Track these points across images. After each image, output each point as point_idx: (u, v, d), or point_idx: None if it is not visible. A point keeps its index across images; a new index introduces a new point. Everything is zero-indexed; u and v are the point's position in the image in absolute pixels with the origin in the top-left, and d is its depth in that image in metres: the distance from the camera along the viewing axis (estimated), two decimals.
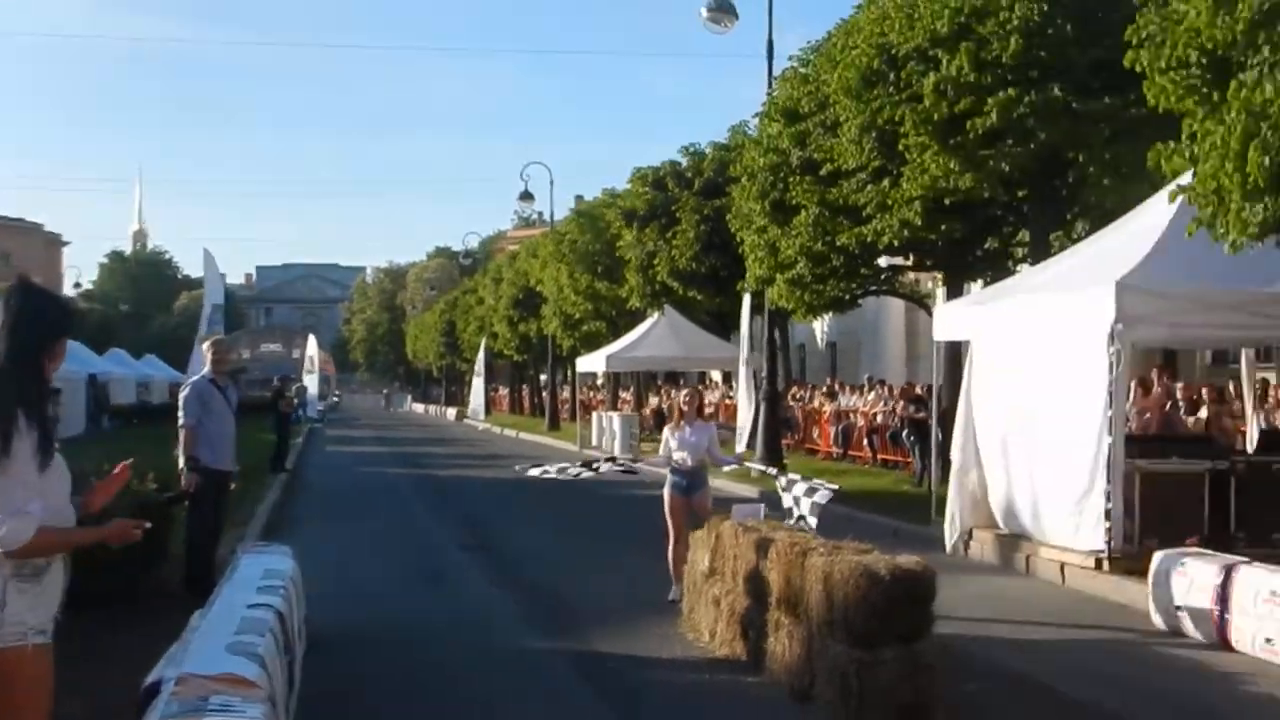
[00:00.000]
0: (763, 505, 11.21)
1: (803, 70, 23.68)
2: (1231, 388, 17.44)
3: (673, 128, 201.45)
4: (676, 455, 11.82)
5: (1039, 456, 13.34)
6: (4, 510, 4.28)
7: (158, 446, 14.64)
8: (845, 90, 20.56)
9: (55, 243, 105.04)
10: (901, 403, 23.94)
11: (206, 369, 11.87)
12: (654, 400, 40.46)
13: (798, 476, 12.00)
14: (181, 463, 11.34)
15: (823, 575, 7.86)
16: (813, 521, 10.92)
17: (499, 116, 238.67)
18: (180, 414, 11.44)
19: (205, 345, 12.37)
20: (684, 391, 12.71)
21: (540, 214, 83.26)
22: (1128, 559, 11.88)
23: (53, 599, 4.49)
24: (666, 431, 12.11)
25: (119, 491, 5.18)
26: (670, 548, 11.81)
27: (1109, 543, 12.13)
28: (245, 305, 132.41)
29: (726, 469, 23.43)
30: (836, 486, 11.42)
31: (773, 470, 13.52)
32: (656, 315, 34.93)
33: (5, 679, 4.33)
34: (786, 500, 11.49)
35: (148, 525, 4.97)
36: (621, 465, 13.95)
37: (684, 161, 34.44)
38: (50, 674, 4.46)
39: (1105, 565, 12.19)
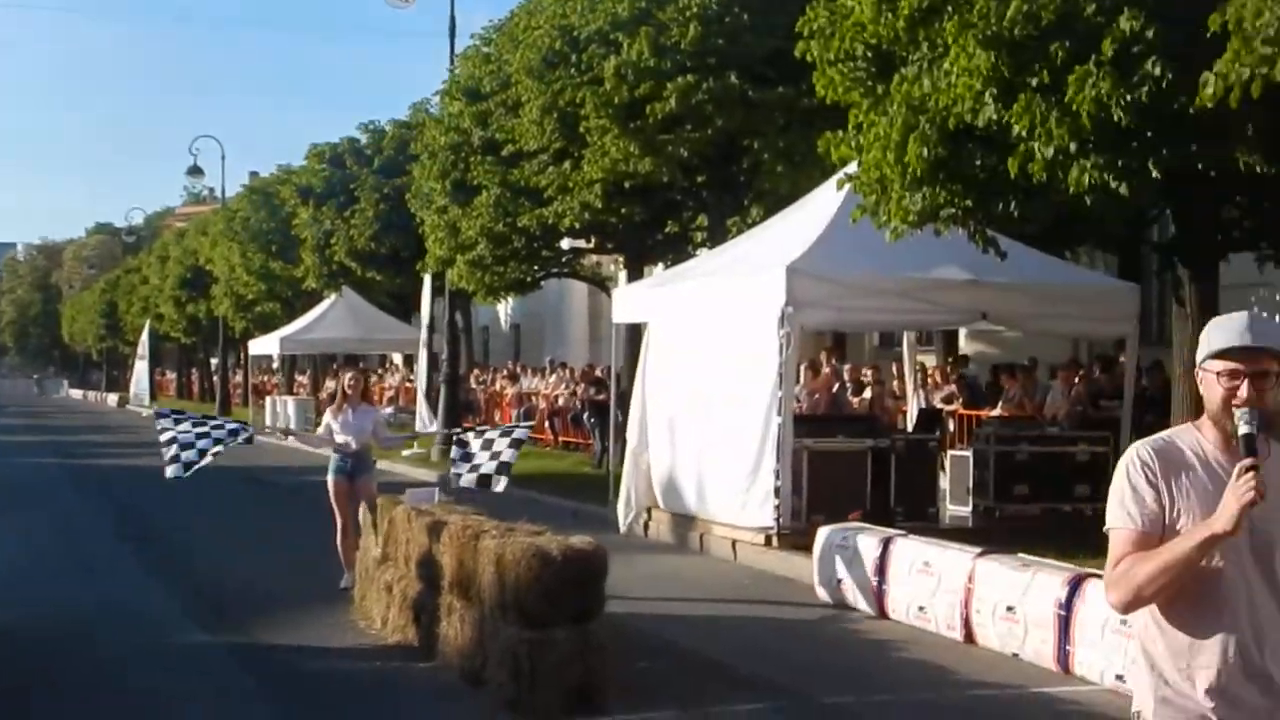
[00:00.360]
0: (437, 489, 11.00)
1: (485, 49, 23.47)
2: (894, 369, 18.32)
3: (352, 105, 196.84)
4: (340, 439, 11.47)
5: (711, 437, 13.61)
6: None
7: None
8: (527, 71, 20.49)
9: None
10: (582, 385, 24.11)
11: None
12: (330, 384, 39.43)
13: (485, 429, 11.96)
14: None
15: (495, 557, 7.74)
16: (501, 484, 10.79)
17: (169, 88, 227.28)
18: None
19: None
20: (348, 374, 12.27)
21: (211, 190, 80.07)
22: (796, 535, 12.24)
23: None
24: (328, 415, 11.81)
25: None
26: (339, 535, 11.47)
27: (778, 520, 12.49)
28: None
29: (407, 453, 23.23)
30: (531, 423, 11.34)
31: (458, 431, 13.28)
32: (334, 296, 34.11)
33: None
34: (462, 472, 11.23)
35: None
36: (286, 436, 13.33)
37: (363, 139, 33.71)
38: None
39: (774, 542, 12.54)
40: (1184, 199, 11.17)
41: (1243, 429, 3.07)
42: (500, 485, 10.83)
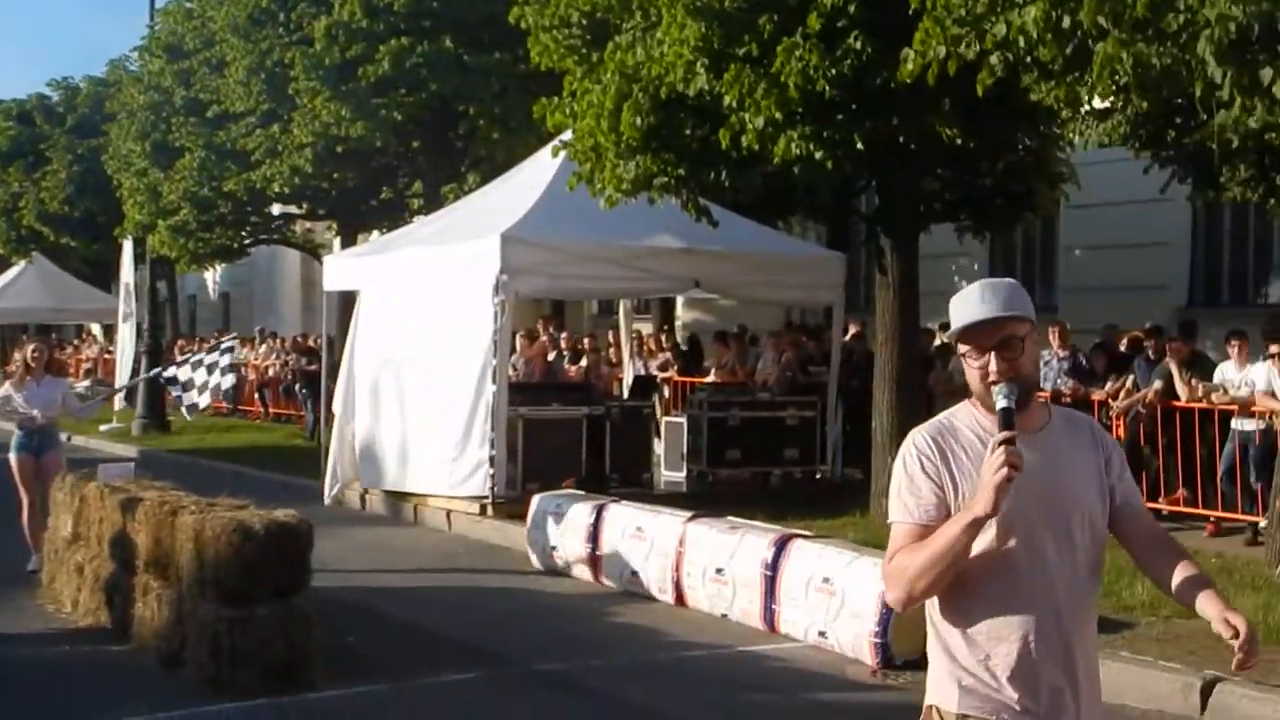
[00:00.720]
0: (133, 464, 10.41)
1: (188, 4, 22.48)
2: (610, 337, 18.44)
3: (40, 60, 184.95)
4: (23, 413, 10.78)
5: (424, 406, 13.34)
6: None
7: None
8: (233, 28, 19.71)
9: None
10: (294, 355, 23.36)
11: None
12: (18, 356, 37.10)
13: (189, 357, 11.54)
14: None
15: (194, 533, 7.39)
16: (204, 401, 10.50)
17: None
18: None
19: None
20: (30, 345, 11.50)
21: None
22: (511, 504, 12.15)
23: None
24: (9, 388, 11.09)
25: None
26: (24, 515, 10.80)
27: (492, 489, 12.37)
28: None
29: (105, 428, 21.99)
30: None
31: (159, 371, 12.77)
32: (23, 263, 32.05)
33: None
34: (195, 401, 10.79)
35: None
36: None
37: (55, 96, 31.74)
38: None
39: (489, 511, 12.42)
40: (887, 171, 11.57)
41: (1000, 403, 2.93)
42: (230, 381, 10.56)
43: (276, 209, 24.52)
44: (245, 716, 6.80)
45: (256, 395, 25.31)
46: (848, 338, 15.19)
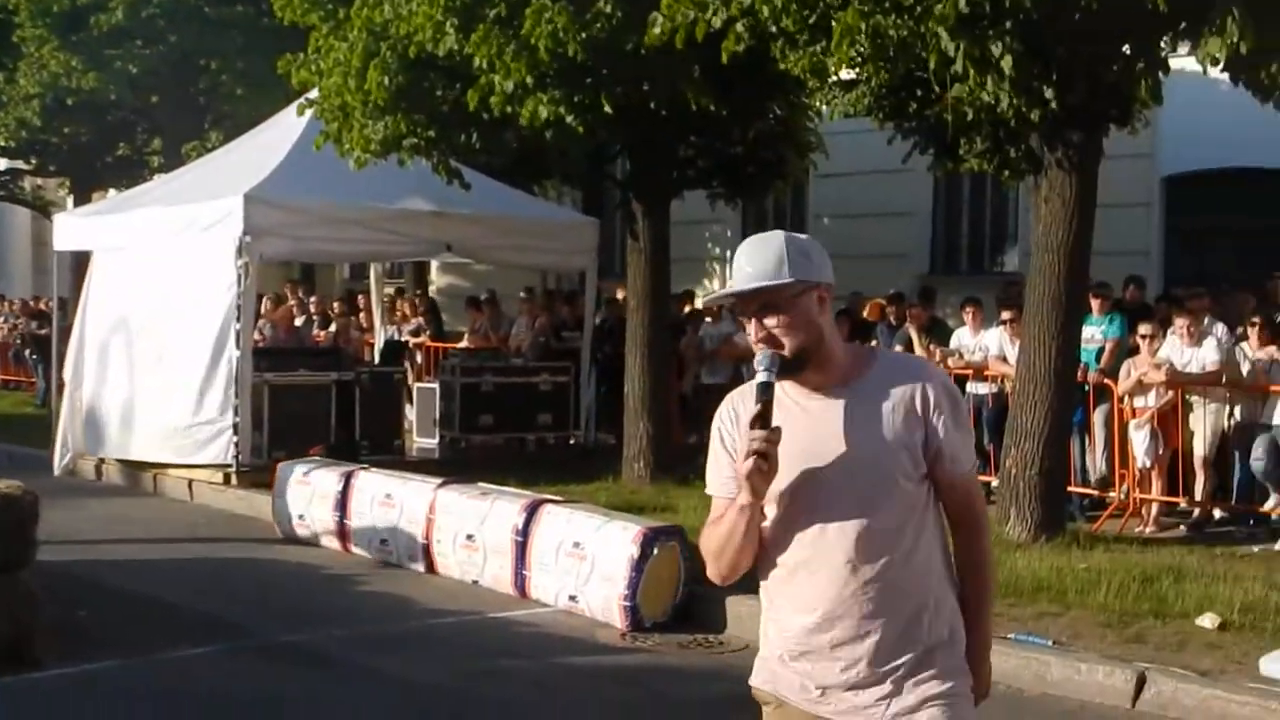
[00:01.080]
0: None
1: None
2: (361, 301, 18.07)
3: None
4: None
5: (162, 373, 12.79)
6: None
7: None
8: None
9: None
10: (23, 319, 22.10)
11: None
12: None
13: None
14: None
15: None
16: None
17: None
18: None
19: None
20: None
21: None
22: (256, 472, 11.78)
23: None
24: None
25: None
26: None
27: (236, 457, 11.98)
28: None
29: None
30: None
31: None
32: None
33: None
34: None
35: None
36: None
37: None
38: None
39: (234, 480, 12.02)
40: (640, 137, 11.61)
41: (759, 376, 2.70)
42: None
43: (2, 164, 23.10)
44: None
45: None
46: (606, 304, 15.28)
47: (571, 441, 14.06)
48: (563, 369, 14.13)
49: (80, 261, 15.60)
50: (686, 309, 14.57)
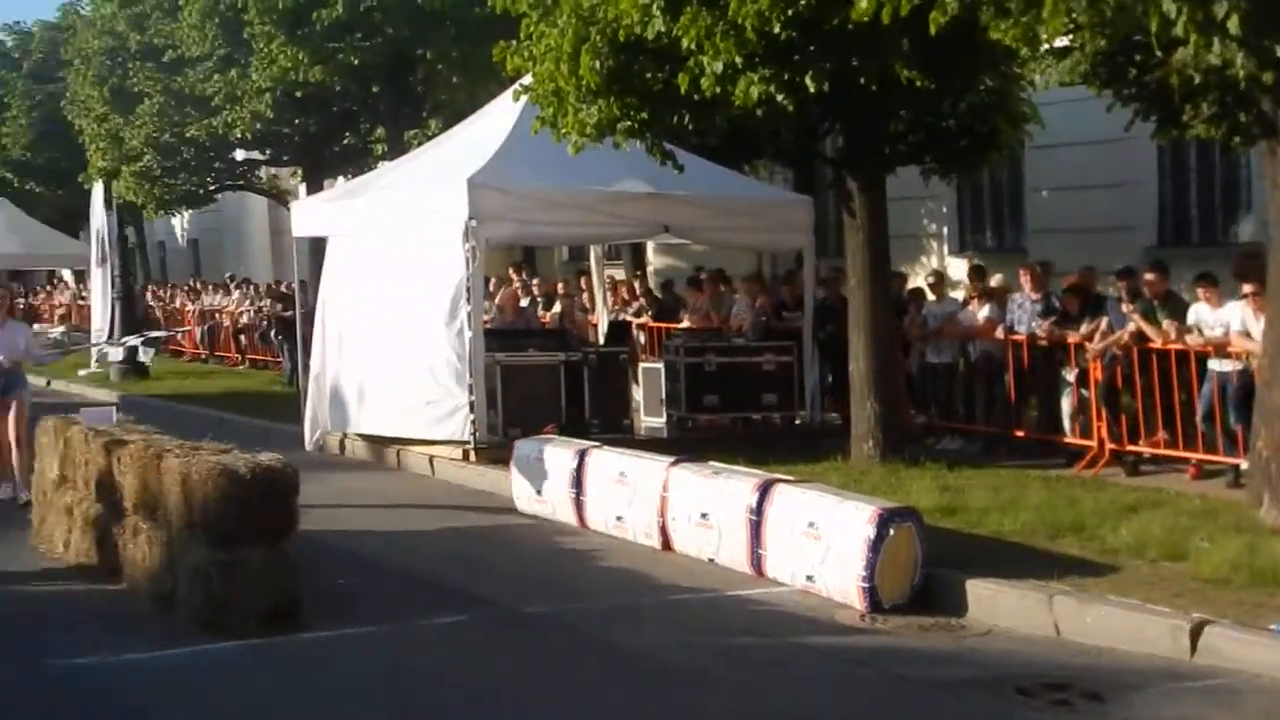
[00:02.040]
0: (115, 408, 10.60)
1: None
2: (582, 283, 18.40)
3: None
4: None
5: (400, 353, 13.33)
6: None
7: None
8: None
9: None
10: (268, 301, 23.27)
11: None
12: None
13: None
14: None
15: (180, 477, 7.55)
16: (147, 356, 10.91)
17: None
18: None
19: None
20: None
21: None
22: (493, 449, 12.23)
23: None
24: None
25: None
26: None
27: (474, 434, 12.44)
28: None
29: (84, 373, 21.92)
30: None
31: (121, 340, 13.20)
32: None
33: None
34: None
35: None
36: None
37: (9, 41, 31.18)
38: None
39: (472, 456, 12.50)
40: (850, 114, 11.55)
41: None
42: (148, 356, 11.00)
43: (240, 155, 24.29)
44: (242, 656, 6.96)
45: (233, 342, 25.22)
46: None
47: (797, 422, 14.01)
48: (785, 348, 14.06)
49: (317, 246, 16.38)
50: (907, 288, 14.38)
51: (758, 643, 7.25)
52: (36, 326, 16.38)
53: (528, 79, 11.81)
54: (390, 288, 13.53)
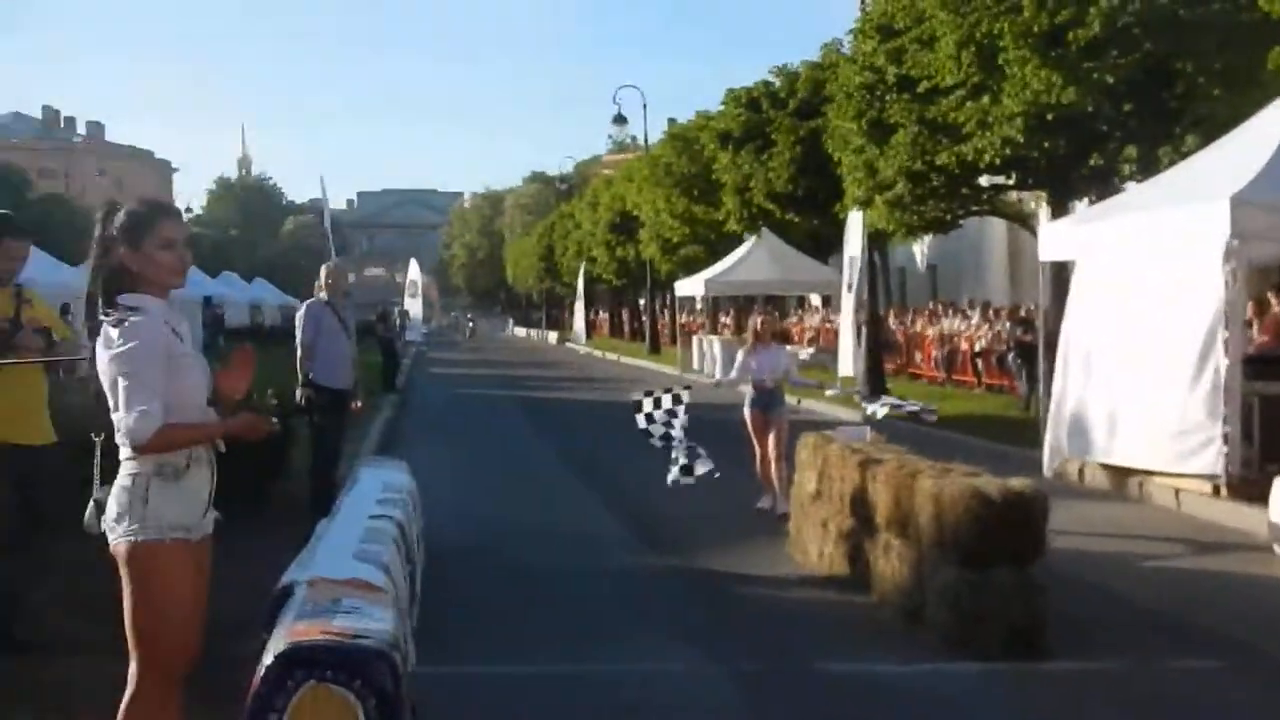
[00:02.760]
0: (868, 428, 11.18)
1: None
2: None
3: (763, 47, 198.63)
4: (755, 377, 12.42)
5: (1148, 379, 12.98)
6: (129, 409, 4.46)
7: (273, 366, 14.96)
8: (941, 4, 20.05)
9: (166, 169, 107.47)
10: (1008, 325, 23.51)
11: (322, 292, 12.11)
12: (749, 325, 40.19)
13: (893, 399, 12.61)
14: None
15: (932, 496, 7.81)
16: (880, 412, 12.14)
17: (592, 44, 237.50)
18: (297, 334, 11.78)
19: (322, 270, 12.55)
20: (758, 317, 13.15)
21: (634, 138, 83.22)
22: (1247, 485, 11.53)
23: (196, 500, 4.67)
24: (742, 354, 12.72)
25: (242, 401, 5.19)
26: (757, 462, 12.47)
27: (1227, 469, 11.79)
28: (349, 230, 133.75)
29: (830, 392, 23.45)
30: (933, 408, 11.98)
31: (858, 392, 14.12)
32: (753, 239, 34.60)
33: (146, 572, 4.54)
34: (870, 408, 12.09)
35: (275, 421, 5.08)
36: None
37: (776, 82, 33.87)
38: (190, 572, 4.62)
39: (1223, 492, 11.86)
40: None
41: None
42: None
43: (985, 180, 24.66)
44: (986, 678, 7.07)
45: (970, 365, 25.77)
46: None
47: None
48: None
49: (1059, 270, 16.30)
50: None
51: None
52: (788, 348, 17.85)
53: None
54: (1140, 311, 13.20)
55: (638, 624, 8.55)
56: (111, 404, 4.57)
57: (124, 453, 4.59)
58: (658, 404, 12.12)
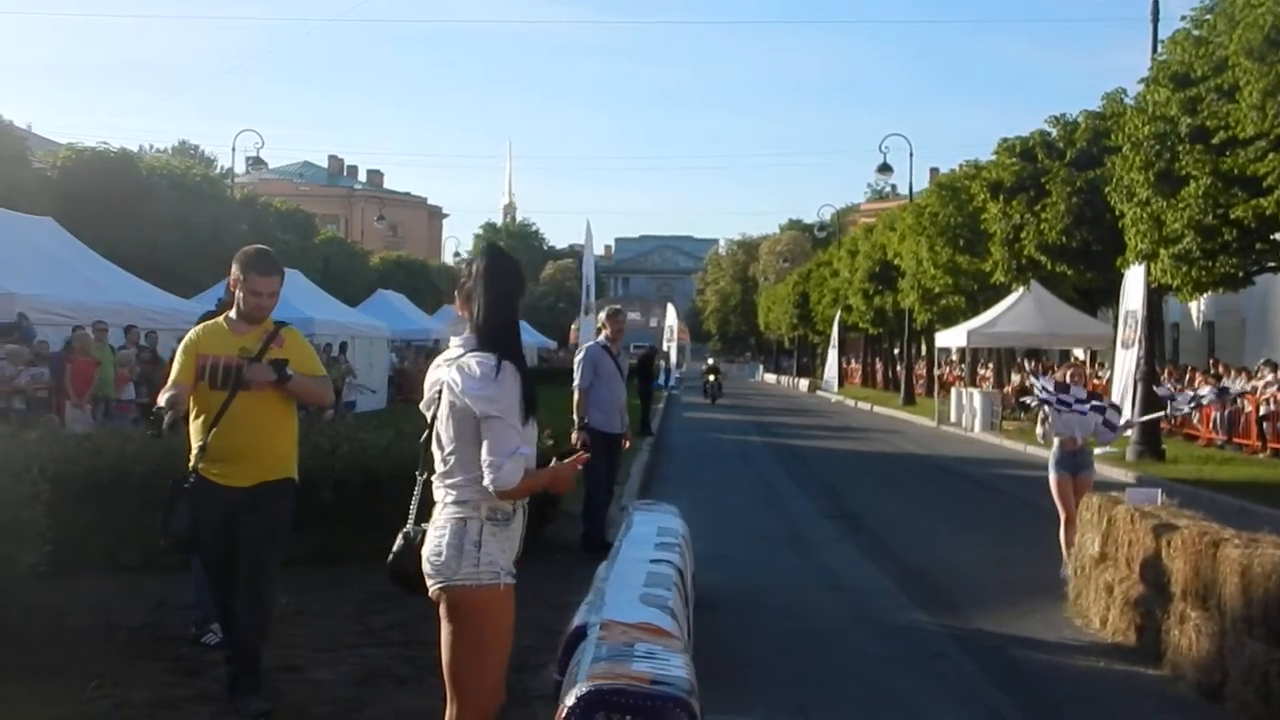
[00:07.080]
0: (1160, 490, 10.67)
1: (1196, 32, 22.22)
2: None
3: (1034, 99, 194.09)
4: (1066, 435, 11.61)
5: None
6: (501, 453, 4.54)
7: (547, 408, 15.35)
8: (1246, 52, 19.23)
9: (436, 215, 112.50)
10: None
11: (601, 336, 12.19)
12: (1015, 378, 39.19)
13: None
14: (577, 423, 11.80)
15: (1240, 568, 7.38)
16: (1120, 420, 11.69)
17: (847, 91, 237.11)
18: (575, 377, 11.86)
19: (602, 313, 12.60)
20: (1069, 369, 12.35)
21: (894, 187, 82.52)
22: None
23: (516, 543, 4.75)
24: (1050, 411, 11.80)
25: None
26: (1062, 528, 11.60)
27: None
28: (604, 275, 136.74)
29: (1099, 452, 22.63)
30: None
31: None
32: (1022, 290, 33.76)
33: (479, 616, 4.62)
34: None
35: (586, 457, 5.09)
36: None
37: (1053, 131, 33.07)
38: (513, 613, 4.72)
39: None
40: None
41: None
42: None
43: None
44: None
45: (1255, 427, 24.45)
46: None
47: None
48: None
49: None
50: None
51: None
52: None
53: None
54: None
55: (913, 681, 8.25)
56: (453, 437, 4.64)
57: (457, 494, 4.65)
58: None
